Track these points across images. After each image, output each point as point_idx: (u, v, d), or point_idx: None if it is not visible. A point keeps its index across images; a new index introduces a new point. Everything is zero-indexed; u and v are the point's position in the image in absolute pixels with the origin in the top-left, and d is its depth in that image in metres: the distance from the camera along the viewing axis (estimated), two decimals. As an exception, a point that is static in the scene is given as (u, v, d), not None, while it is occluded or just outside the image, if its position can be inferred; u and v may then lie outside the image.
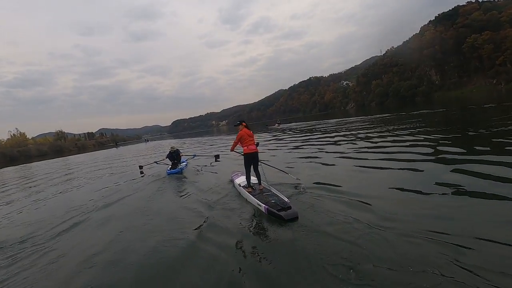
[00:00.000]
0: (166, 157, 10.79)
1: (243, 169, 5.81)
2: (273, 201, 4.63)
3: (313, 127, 26.37)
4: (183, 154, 11.33)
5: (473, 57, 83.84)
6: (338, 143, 12.01)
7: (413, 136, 10.42)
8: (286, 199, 4.59)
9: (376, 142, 10.35)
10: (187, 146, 26.04)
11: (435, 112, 21.20)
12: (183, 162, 10.93)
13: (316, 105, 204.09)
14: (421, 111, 23.12)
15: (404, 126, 14.16)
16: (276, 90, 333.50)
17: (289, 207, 4.25)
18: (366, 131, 14.87)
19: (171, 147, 10.98)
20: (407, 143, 9.10)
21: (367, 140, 11.35)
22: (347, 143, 11.30)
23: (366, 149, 9.28)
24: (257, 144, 5.75)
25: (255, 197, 4.97)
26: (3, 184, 16.22)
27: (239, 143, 5.68)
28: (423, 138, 9.70)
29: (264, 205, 4.51)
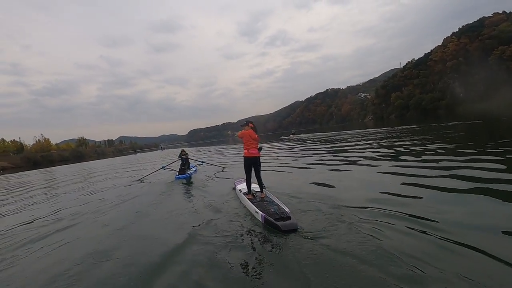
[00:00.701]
0: (178, 158, 10.99)
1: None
2: (272, 209, 4.31)
3: (332, 137, 25.22)
4: (191, 158, 11.48)
5: (501, 69, 80.00)
6: (362, 151, 11.13)
7: (460, 147, 9.25)
8: (286, 209, 4.27)
9: (410, 152, 9.27)
10: (201, 154, 25.53)
11: (472, 123, 19.29)
12: (192, 167, 11.12)
13: (333, 117, 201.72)
14: (454, 122, 21.44)
15: (442, 137, 12.83)
16: (293, 102, 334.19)
17: (288, 217, 3.92)
18: (393, 140, 13.74)
19: (182, 150, 11.22)
20: (453, 154, 7.94)
21: (397, 149, 10.34)
22: (375, 153, 10.32)
23: (401, 159, 8.31)
24: (260, 149, 5.44)
25: (253, 204, 4.67)
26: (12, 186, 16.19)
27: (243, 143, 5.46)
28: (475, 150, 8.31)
29: (261, 213, 4.18)
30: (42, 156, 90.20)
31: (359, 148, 12.75)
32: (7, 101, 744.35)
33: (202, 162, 12.57)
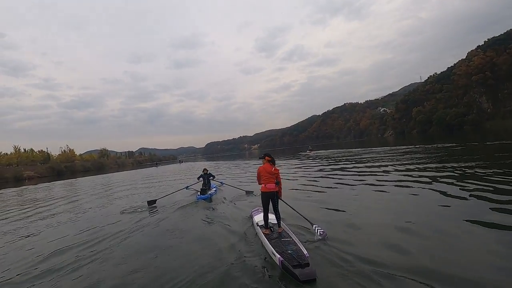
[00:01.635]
0: (199, 178, 11.42)
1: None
2: (289, 251, 4.01)
3: (357, 155, 24.02)
4: (212, 179, 11.80)
5: (533, 83, 76.07)
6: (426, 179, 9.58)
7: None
8: (305, 251, 3.94)
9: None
10: (219, 169, 25.07)
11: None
12: (213, 187, 11.45)
13: (351, 131, 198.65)
14: (503, 142, 19.10)
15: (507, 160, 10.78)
16: (309, 116, 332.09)
17: (307, 264, 3.59)
18: (444, 163, 12.25)
19: (204, 169, 11.53)
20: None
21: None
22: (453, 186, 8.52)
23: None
24: (278, 183, 5.20)
25: (270, 243, 4.46)
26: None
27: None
28: None
29: (278, 256, 3.91)
30: (66, 167, 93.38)
31: (417, 175, 10.09)
32: (39, 113, 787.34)
33: (222, 183, 12.84)
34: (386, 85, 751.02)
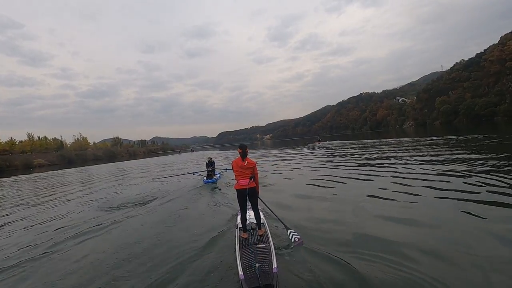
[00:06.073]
0: (206, 168, 11.97)
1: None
2: (258, 264, 3.30)
3: (383, 148, 20.26)
4: (217, 168, 12.76)
5: None
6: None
7: None
8: (274, 265, 3.29)
9: None
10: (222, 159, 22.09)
11: None
12: (217, 174, 12.15)
13: (367, 122, 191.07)
14: None
15: None
16: (323, 106, 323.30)
17: (269, 286, 2.95)
18: None
19: (208, 158, 12.27)
20: None
21: None
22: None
23: None
24: (252, 178, 4.39)
25: (241, 252, 3.81)
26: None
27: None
28: None
29: (241, 273, 3.24)
30: (77, 155, 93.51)
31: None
32: (58, 102, 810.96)
33: (226, 169, 13.25)
34: (404, 75, 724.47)
